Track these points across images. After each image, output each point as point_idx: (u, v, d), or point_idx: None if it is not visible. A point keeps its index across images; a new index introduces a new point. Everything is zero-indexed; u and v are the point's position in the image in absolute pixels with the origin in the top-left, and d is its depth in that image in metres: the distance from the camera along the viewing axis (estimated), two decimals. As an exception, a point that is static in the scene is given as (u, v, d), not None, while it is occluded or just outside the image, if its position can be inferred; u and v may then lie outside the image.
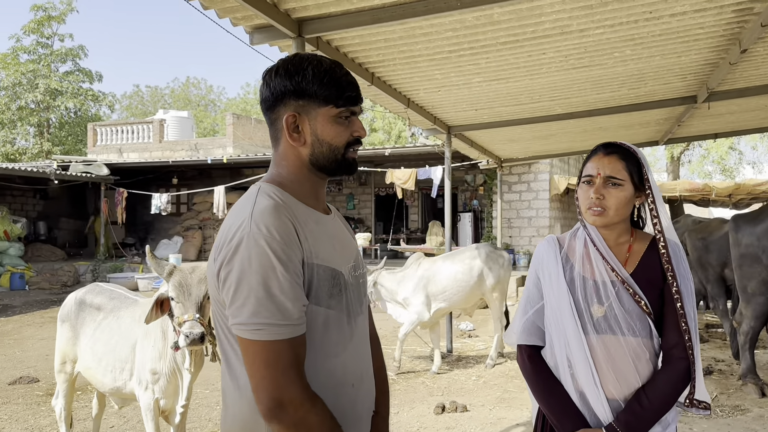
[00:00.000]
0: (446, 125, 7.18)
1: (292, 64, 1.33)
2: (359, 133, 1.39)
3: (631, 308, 1.69)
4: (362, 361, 1.41)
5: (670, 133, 8.71)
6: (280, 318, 1.19)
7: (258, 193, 1.31)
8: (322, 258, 1.30)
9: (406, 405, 5.30)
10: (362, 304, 1.45)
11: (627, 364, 1.67)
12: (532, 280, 1.87)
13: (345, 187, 18.64)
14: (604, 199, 1.72)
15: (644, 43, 4.46)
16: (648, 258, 1.75)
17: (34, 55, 22.51)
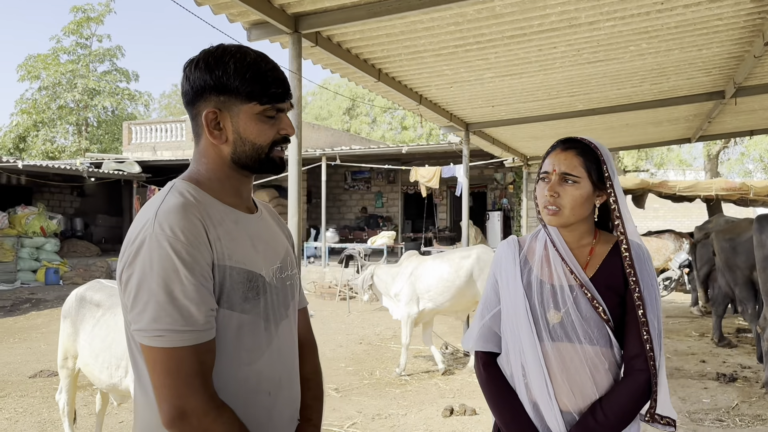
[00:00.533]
0: (464, 122, 7.07)
1: (213, 57, 1.24)
2: (286, 131, 1.30)
3: (589, 315, 1.56)
4: (283, 367, 1.33)
5: (701, 130, 8.41)
6: (182, 324, 1.12)
7: (169, 191, 1.24)
8: (237, 260, 1.22)
9: (414, 407, 5.21)
10: (288, 307, 1.37)
11: (583, 375, 1.55)
12: (490, 283, 1.76)
13: (374, 185, 18.62)
14: (559, 197, 1.60)
15: (660, 36, 4.29)
16: (610, 261, 1.63)
17: (74, 55, 23.10)
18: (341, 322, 9.48)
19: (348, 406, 5.23)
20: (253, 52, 1.27)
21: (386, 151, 13.63)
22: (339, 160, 13.54)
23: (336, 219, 18.79)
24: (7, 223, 13.65)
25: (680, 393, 5.22)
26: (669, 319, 9.36)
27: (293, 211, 3.46)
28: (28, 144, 21.81)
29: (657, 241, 13.25)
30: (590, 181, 1.61)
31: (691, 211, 25.65)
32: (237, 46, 1.27)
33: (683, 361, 6.42)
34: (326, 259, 13.61)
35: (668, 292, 11.97)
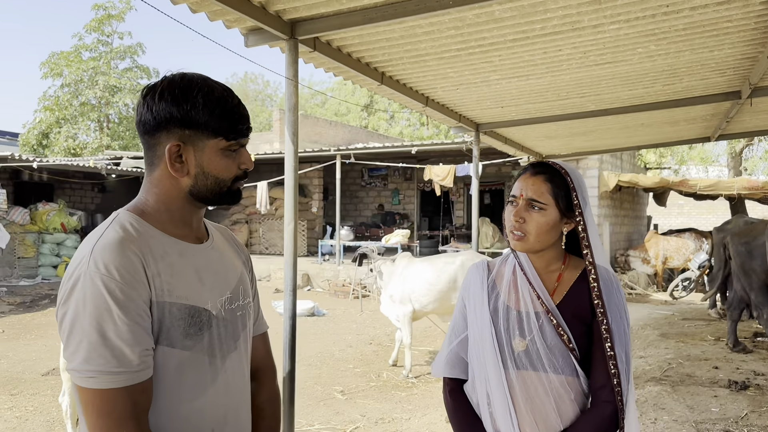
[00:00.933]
0: (474, 123, 7.00)
1: (180, 89, 1.22)
2: (246, 166, 1.30)
3: (554, 343, 1.53)
4: (230, 402, 1.31)
5: (720, 129, 8.22)
6: (115, 365, 1.10)
7: (110, 224, 1.22)
8: (179, 295, 1.20)
9: (419, 411, 5.19)
10: (237, 339, 1.34)
11: (547, 404, 1.52)
12: (458, 308, 1.74)
13: (390, 182, 18.58)
14: (524, 222, 1.57)
15: (668, 38, 4.18)
16: (577, 288, 1.59)
17: (95, 52, 23.35)
18: (353, 322, 9.48)
19: (352, 410, 5.22)
20: (219, 86, 1.26)
21: (398, 150, 13.56)
22: (353, 158, 13.51)
23: (353, 216, 18.80)
24: (29, 220, 13.88)
25: (689, 401, 5.12)
26: (685, 322, 9.20)
27: (289, 218, 3.44)
28: (51, 140, 22.14)
29: (676, 240, 13.04)
30: (557, 208, 1.58)
31: (716, 208, 25.22)
32: (202, 78, 1.25)
33: (695, 367, 6.30)
34: (340, 257, 13.62)
35: (687, 293, 11.77)
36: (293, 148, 3.46)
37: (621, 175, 13.16)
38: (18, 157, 12.93)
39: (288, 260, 3.43)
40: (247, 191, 16.50)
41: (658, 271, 13.17)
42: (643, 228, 17.20)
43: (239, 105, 1.27)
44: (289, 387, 3.36)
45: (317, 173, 16.34)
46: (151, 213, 1.27)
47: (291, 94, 3.49)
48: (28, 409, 5.23)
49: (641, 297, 12.17)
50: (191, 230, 1.32)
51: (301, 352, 7.10)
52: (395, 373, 6.42)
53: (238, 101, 1.27)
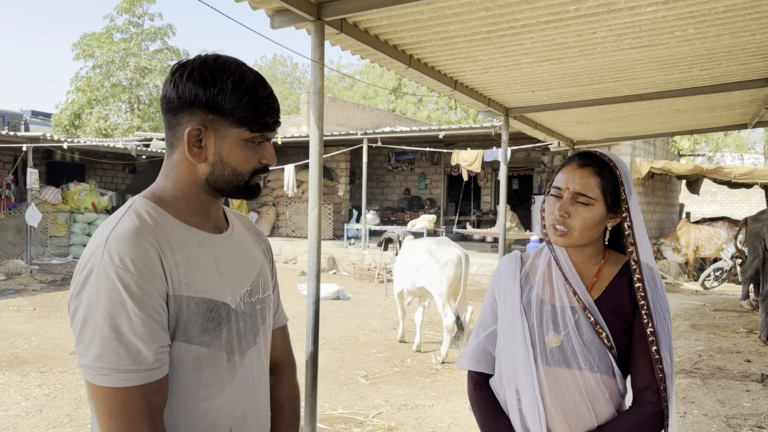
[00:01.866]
0: (503, 107, 6.87)
1: (210, 71, 1.16)
2: (268, 161, 1.24)
3: (591, 340, 1.47)
4: (248, 399, 1.26)
5: (758, 116, 7.95)
6: (129, 362, 1.05)
7: (126, 212, 1.17)
8: (197, 288, 1.15)
9: (443, 398, 5.17)
10: (257, 334, 1.29)
11: (580, 403, 1.46)
12: (488, 301, 1.68)
13: (417, 167, 18.48)
14: (569, 217, 1.49)
15: (708, 21, 4.02)
16: (617, 285, 1.52)
17: (126, 34, 23.58)
18: (377, 306, 9.48)
19: (375, 395, 5.22)
20: (252, 74, 1.19)
21: (425, 134, 13.44)
22: (380, 141, 13.44)
23: (379, 200, 18.77)
24: (61, 199, 14.14)
25: (720, 395, 5.00)
26: (716, 313, 9.00)
27: (313, 203, 3.41)
28: (83, 121, 22.47)
29: (709, 229, 12.75)
30: (605, 203, 1.50)
31: (750, 197, 24.61)
32: (236, 63, 1.19)
33: (726, 360, 6.15)
34: (366, 241, 13.61)
35: (719, 283, 11.52)
36: (318, 131, 3.42)
37: (654, 162, 12.87)
38: (50, 138, 13.14)
39: (312, 245, 3.41)
40: (275, 174, 16.57)
41: (689, 260, 12.90)
42: (675, 216, 16.85)
43: (270, 97, 1.20)
44: (312, 370, 3.35)
45: (344, 157, 16.31)
46: (168, 200, 1.21)
47: (317, 77, 3.43)
48: (57, 387, 5.33)
49: (672, 286, 11.94)
50: (210, 219, 1.27)
51: (325, 336, 7.12)
52: (419, 359, 6.40)
53: (270, 93, 1.20)
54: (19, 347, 6.63)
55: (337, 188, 16.80)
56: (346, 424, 4.53)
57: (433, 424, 4.57)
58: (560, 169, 1.58)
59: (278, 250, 14.44)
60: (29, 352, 6.46)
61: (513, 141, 11.86)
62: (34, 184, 12.27)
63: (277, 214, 17.23)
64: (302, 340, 3.41)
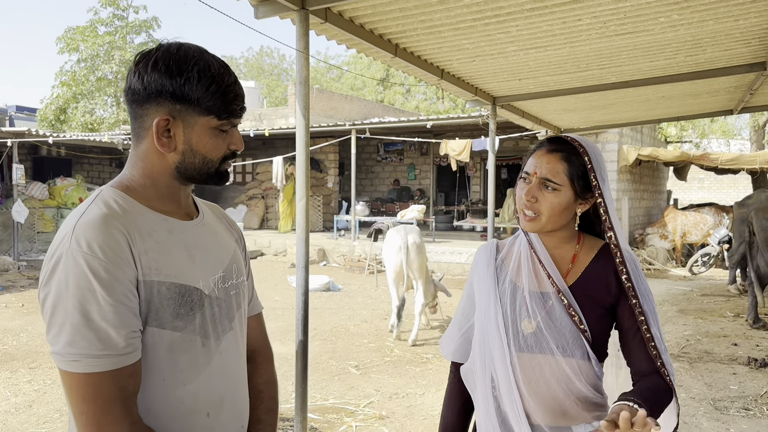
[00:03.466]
0: (490, 96, 6.87)
1: (176, 61, 1.15)
2: (236, 147, 1.25)
3: (564, 324, 1.47)
4: (227, 384, 1.27)
5: (743, 101, 8.00)
6: (99, 348, 1.05)
7: (93, 200, 1.17)
8: (168, 273, 1.15)
9: (433, 386, 5.20)
10: (233, 319, 1.29)
11: (556, 387, 1.47)
12: (467, 291, 1.69)
13: (406, 157, 18.48)
14: (536, 202, 1.49)
15: (692, 7, 4.03)
16: (593, 270, 1.52)
17: (111, 27, 23.30)
18: (368, 297, 9.50)
19: (366, 384, 5.24)
20: (216, 62, 1.20)
21: (413, 124, 13.43)
22: (369, 132, 13.41)
23: (368, 191, 18.76)
24: (48, 195, 14.03)
25: (707, 378, 5.07)
26: (704, 298, 9.09)
27: (301, 194, 3.40)
28: (68, 116, 22.24)
29: (695, 215, 12.86)
30: (572, 189, 1.49)
31: (737, 182, 24.83)
32: (199, 51, 1.19)
33: (714, 344, 6.22)
34: (356, 233, 13.61)
35: (707, 269, 11.62)
36: (304, 122, 3.41)
37: (641, 149, 12.94)
38: (35, 133, 13.01)
39: (300, 236, 3.40)
40: (264, 166, 16.52)
41: (676, 246, 13.01)
42: (662, 202, 16.97)
43: (235, 83, 1.21)
44: (302, 361, 3.36)
45: (332, 148, 16.27)
46: (136, 189, 1.22)
47: (302, 67, 3.41)
48: (47, 383, 5.31)
49: (660, 272, 12.04)
50: (179, 206, 1.27)
51: (316, 327, 7.13)
52: (410, 349, 6.42)
53: (235, 79, 1.22)
54: (8, 343, 6.59)
55: (327, 180, 16.77)
56: (337, 413, 4.55)
57: (423, 411, 4.60)
58: (531, 154, 1.58)
59: (268, 242, 14.40)
60: (18, 348, 6.42)
61: (501, 130, 11.88)
62: (20, 180, 12.16)
63: (266, 206, 17.19)
64: (293, 331, 3.42)
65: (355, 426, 4.32)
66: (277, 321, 7.40)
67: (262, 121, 17.98)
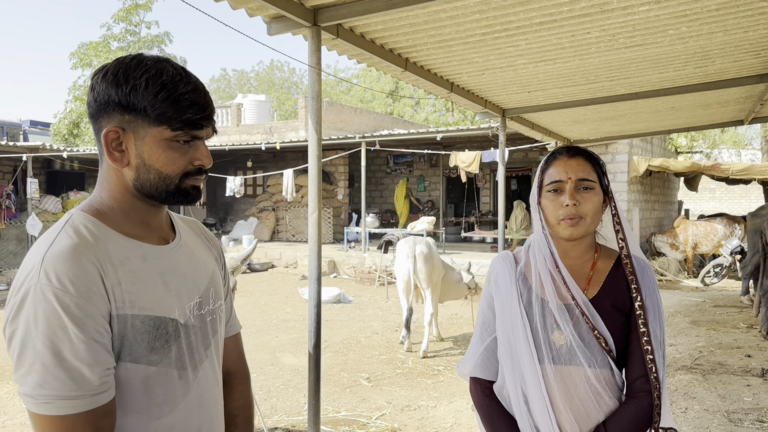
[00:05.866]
0: (500, 108, 6.91)
1: (124, 70, 1.09)
2: (201, 162, 1.15)
3: (589, 338, 1.48)
4: (203, 415, 1.22)
5: (753, 112, 8.01)
6: (72, 388, 0.99)
7: (63, 228, 1.09)
8: (142, 305, 1.09)
9: (445, 398, 5.19)
10: (209, 347, 1.24)
11: (586, 398, 1.48)
12: (487, 303, 1.65)
13: (416, 169, 18.52)
14: (579, 205, 1.48)
15: (700, 19, 4.07)
16: (614, 277, 1.54)
17: (123, 42, 23.56)
18: (378, 308, 9.50)
19: (378, 396, 5.24)
20: (173, 69, 1.11)
21: (423, 136, 13.49)
22: (378, 144, 13.48)
23: (378, 203, 18.80)
24: (61, 208, 14.17)
25: (720, 390, 5.03)
26: (716, 309, 9.03)
27: (313, 207, 3.44)
28: (81, 130, 22.46)
29: (705, 225, 12.79)
30: (601, 187, 1.53)
31: (749, 192, 24.66)
32: (155, 60, 1.12)
33: (727, 356, 6.18)
34: (366, 244, 13.64)
35: (719, 280, 11.54)
36: (317, 136, 3.46)
37: (651, 160, 12.90)
38: (49, 147, 13.18)
39: (312, 248, 3.44)
40: (274, 179, 16.61)
41: (688, 257, 12.93)
42: (673, 213, 16.89)
43: (194, 91, 1.11)
44: (314, 373, 3.38)
45: (342, 160, 16.35)
46: (106, 212, 1.15)
47: (314, 82, 3.47)
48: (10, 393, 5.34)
49: (672, 283, 11.97)
50: (152, 230, 1.20)
51: (327, 339, 7.14)
52: (421, 361, 6.42)
53: (195, 88, 1.12)
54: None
55: (336, 192, 16.83)
56: (349, 426, 4.56)
57: (436, 424, 4.59)
58: (546, 167, 1.56)
59: (279, 254, 14.45)
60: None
61: (510, 142, 11.91)
62: (34, 194, 12.31)
63: (277, 219, 17.26)
64: (304, 343, 3.45)
65: (367, 438, 4.33)
66: (288, 333, 7.42)
67: (272, 134, 18.10)
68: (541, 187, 1.56)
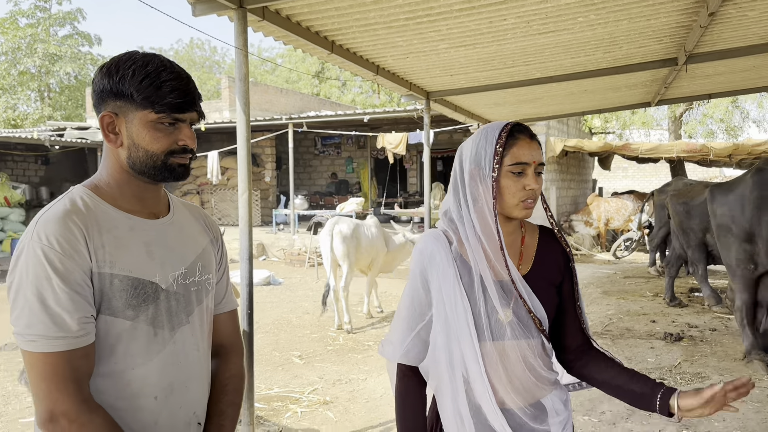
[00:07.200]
0: (424, 91, 7.09)
1: (116, 63, 1.29)
2: (185, 142, 1.32)
3: (526, 316, 1.54)
4: (178, 373, 1.35)
5: (659, 94, 8.54)
6: (55, 330, 1.17)
7: (61, 198, 1.29)
8: (122, 267, 1.26)
9: (375, 371, 5.38)
10: (191, 313, 1.38)
11: (523, 372, 1.53)
12: (419, 284, 1.58)
13: (344, 151, 18.59)
14: (537, 189, 1.54)
15: (607, 8, 4.35)
16: (543, 252, 1.61)
17: (33, 18, 22.33)
18: (309, 289, 9.61)
19: (310, 373, 5.38)
20: (158, 61, 1.29)
21: (350, 118, 13.58)
22: (306, 126, 13.46)
23: (306, 185, 18.78)
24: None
25: (627, 353, 5.47)
26: (626, 280, 9.67)
27: (243, 188, 3.50)
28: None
29: (617, 202, 13.57)
30: None
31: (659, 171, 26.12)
32: (144, 54, 1.30)
33: (634, 322, 6.68)
34: (295, 226, 13.66)
35: (629, 253, 12.31)
36: (245, 118, 3.50)
37: (567, 141, 13.53)
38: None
39: (243, 228, 3.50)
40: (198, 161, 16.24)
41: (601, 233, 13.69)
42: (588, 191, 17.77)
43: (176, 79, 1.28)
44: (247, 351, 3.46)
45: (269, 142, 16.21)
46: (103, 188, 1.32)
47: (241, 64, 3.50)
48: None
49: (586, 257, 12.66)
50: (145, 205, 1.36)
51: (258, 320, 7.19)
52: (352, 337, 6.59)
53: (177, 76, 1.29)
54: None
55: (264, 174, 16.69)
56: (282, 401, 4.68)
57: (366, 395, 4.78)
58: (507, 145, 1.51)
59: (205, 238, 14.25)
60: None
61: (435, 123, 12.18)
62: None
63: (202, 201, 16.95)
64: (237, 320, 3.52)
65: (300, 412, 4.46)
66: (218, 316, 7.39)
67: (195, 116, 17.69)
68: (501, 165, 1.52)
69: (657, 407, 1.45)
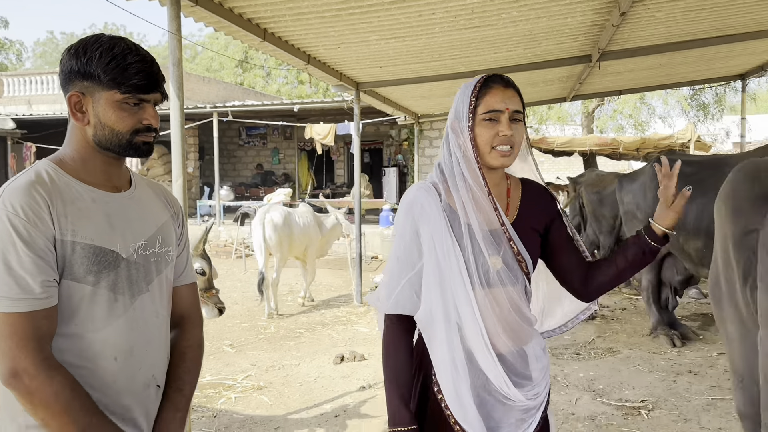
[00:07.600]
0: (354, 82, 7.21)
1: (83, 45, 1.35)
2: (149, 122, 1.39)
3: (513, 261, 1.60)
4: (137, 337, 1.42)
5: (574, 90, 9.03)
6: (18, 292, 1.23)
7: (26, 171, 1.35)
8: (84, 235, 1.32)
9: (308, 357, 5.47)
10: (150, 282, 1.45)
11: (512, 316, 1.60)
12: (409, 236, 1.63)
13: (270, 141, 18.42)
14: (512, 136, 1.56)
15: (528, 5, 4.60)
16: (528, 200, 1.68)
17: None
18: (237, 280, 9.53)
19: (242, 360, 5.40)
20: (124, 44, 1.36)
21: (279, 108, 13.51)
22: (231, 116, 13.28)
23: (231, 176, 18.47)
24: None
25: (546, 332, 5.81)
26: (545, 266, 10.16)
27: (177, 173, 3.51)
28: None
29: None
30: (524, 120, 1.63)
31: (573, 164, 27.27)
32: (111, 37, 1.37)
33: (553, 304, 7.08)
34: (221, 218, 13.47)
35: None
36: (179, 103, 3.50)
37: (491, 134, 13.97)
38: None
39: (178, 214, 3.51)
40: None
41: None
42: (509, 183, 18.38)
43: (141, 62, 1.35)
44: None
45: (192, 132, 15.84)
46: (68, 162, 1.39)
47: (175, 48, 3.50)
48: None
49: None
50: (108, 180, 1.42)
51: (186, 311, 7.11)
52: (282, 326, 6.65)
53: (141, 59, 1.36)
54: None
55: (187, 164, 16.30)
56: (215, 389, 4.69)
57: (300, 379, 4.87)
58: (480, 95, 1.58)
59: (126, 230, 13.81)
60: None
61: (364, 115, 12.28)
62: None
63: (122, 193, 16.39)
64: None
65: (234, 398, 4.49)
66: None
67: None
68: (475, 115, 1.58)
69: (651, 245, 1.58)
